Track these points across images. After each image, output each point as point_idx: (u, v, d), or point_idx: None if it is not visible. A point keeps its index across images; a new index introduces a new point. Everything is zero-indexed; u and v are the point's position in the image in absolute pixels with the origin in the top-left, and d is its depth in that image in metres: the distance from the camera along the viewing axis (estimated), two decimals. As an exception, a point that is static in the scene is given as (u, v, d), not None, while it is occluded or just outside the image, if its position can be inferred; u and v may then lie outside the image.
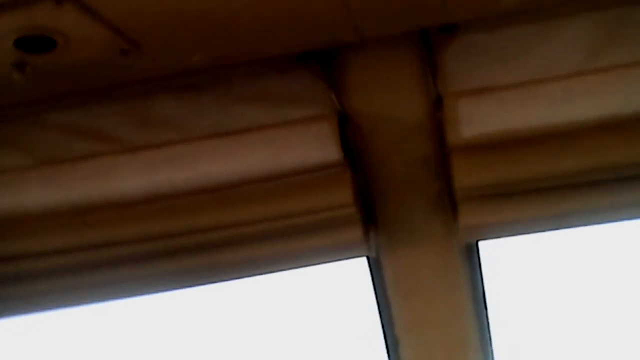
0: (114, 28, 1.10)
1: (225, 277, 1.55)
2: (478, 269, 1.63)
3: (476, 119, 1.38)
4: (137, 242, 1.47)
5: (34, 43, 1.12)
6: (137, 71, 1.29)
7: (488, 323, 1.69)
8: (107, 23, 1.08)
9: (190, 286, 1.57)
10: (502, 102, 1.37)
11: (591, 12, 1.31)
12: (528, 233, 1.52)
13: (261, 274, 1.55)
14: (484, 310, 1.67)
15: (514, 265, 1.84)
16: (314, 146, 1.41)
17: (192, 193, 1.44)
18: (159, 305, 1.88)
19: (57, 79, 1.26)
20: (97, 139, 1.46)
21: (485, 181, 1.41)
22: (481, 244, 1.60)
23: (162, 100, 1.44)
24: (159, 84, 1.41)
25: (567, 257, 1.85)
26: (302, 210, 1.44)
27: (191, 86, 1.43)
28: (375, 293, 1.67)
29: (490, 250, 1.63)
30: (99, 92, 1.41)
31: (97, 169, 1.46)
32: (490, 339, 1.70)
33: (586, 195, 1.42)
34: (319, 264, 1.55)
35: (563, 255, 1.85)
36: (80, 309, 1.65)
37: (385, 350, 1.73)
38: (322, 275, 1.77)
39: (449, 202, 1.51)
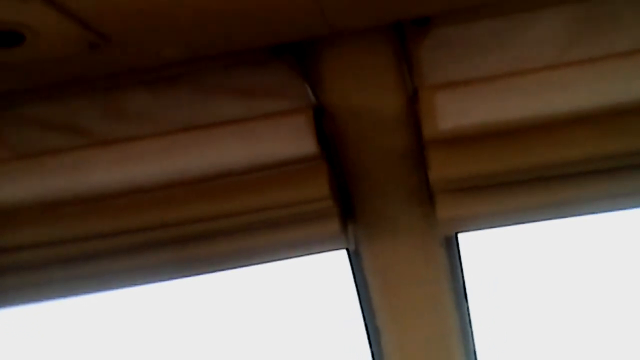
0: (82, 21, 1.08)
1: (202, 271, 1.55)
2: (458, 260, 1.63)
3: (452, 112, 1.37)
4: (110, 236, 1.46)
5: (2, 38, 1.10)
6: (108, 64, 1.27)
7: (469, 314, 1.70)
8: (74, 16, 1.07)
9: (165, 280, 1.56)
10: (478, 95, 1.36)
11: (565, 5, 1.30)
12: (506, 225, 1.52)
13: (238, 267, 1.55)
14: (465, 302, 1.67)
15: (495, 256, 1.84)
16: (290, 139, 1.40)
17: (166, 187, 1.43)
18: (135, 299, 1.88)
19: (26, 73, 1.24)
20: (71, 133, 1.45)
21: (462, 174, 1.41)
22: (461, 235, 1.61)
23: (136, 93, 1.42)
24: (132, 77, 1.39)
25: (546, 249, 1.86)
26: (278, 204, 1.43)
27: (165, 79, 1.41)
28: (356, 285, 1.67)
29: (471, 242, 1.64)
30: (72, 85, 1.39)
31: (71, 162, 1.45)
32: (471, 330, 1.71)
33: (562, 187, 1.42)
34: (297, 257, 1.55)
35: (543, 246, 1.85)
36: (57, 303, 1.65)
37: (367, 341, 1.73)
38: (303, 267, 1.78)
39: (427, 195, 1.50)
